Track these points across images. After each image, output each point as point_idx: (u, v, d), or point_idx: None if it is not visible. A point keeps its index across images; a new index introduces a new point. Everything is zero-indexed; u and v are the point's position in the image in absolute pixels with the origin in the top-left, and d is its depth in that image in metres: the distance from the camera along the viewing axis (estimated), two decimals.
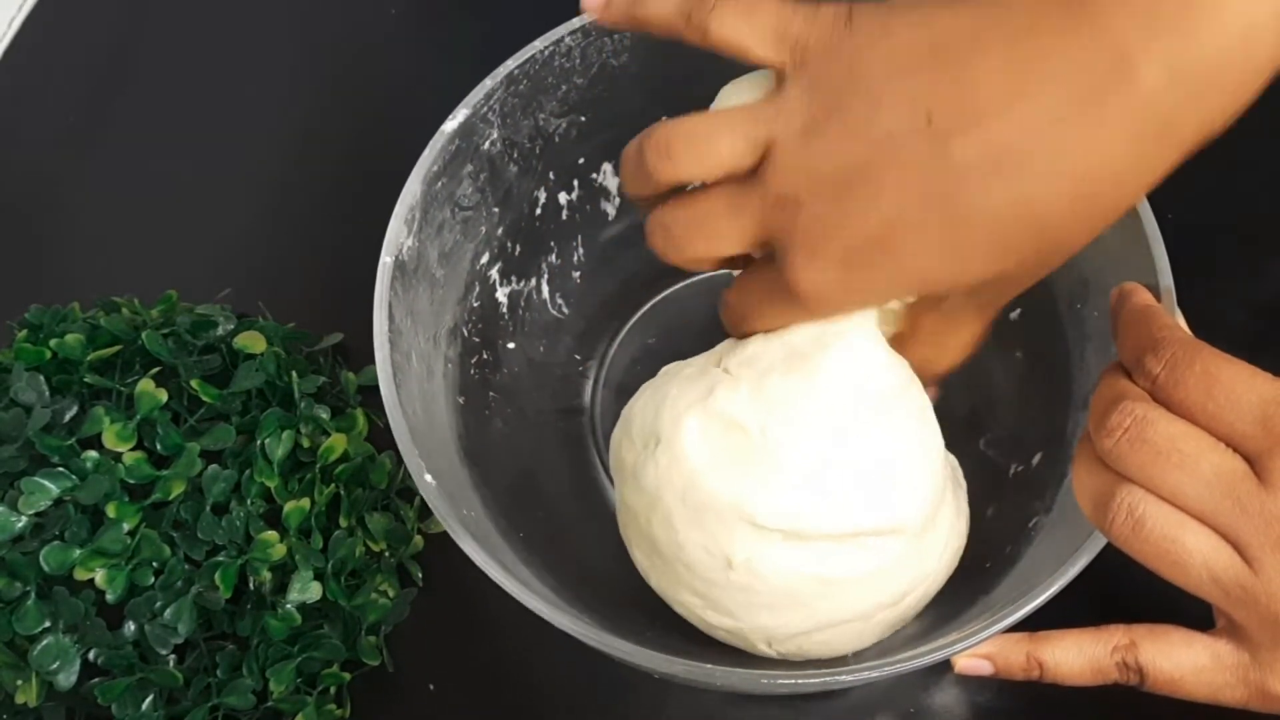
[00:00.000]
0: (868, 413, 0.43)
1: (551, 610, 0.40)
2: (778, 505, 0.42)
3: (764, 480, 0.42)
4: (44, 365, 0.55)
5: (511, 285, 0.57)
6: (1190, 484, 0.37)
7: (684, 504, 0.43)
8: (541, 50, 0.51)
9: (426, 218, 0.49)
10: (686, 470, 0.43)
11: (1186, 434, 0.37)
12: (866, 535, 0.43)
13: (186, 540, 0.53)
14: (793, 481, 0.42)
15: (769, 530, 0.42)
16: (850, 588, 0.43)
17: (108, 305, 0.60)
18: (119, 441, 0.53)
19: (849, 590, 0.43)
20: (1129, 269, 0.45)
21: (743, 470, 0.43)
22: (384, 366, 0.44)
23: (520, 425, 0.56)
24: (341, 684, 0.54)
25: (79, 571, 0.51)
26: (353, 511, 0.56)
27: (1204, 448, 0.37)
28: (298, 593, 0.53)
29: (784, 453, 0.42)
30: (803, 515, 0.42)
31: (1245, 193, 0.64)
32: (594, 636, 0.40)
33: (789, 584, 0.43)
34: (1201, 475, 0.37)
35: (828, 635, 0.45)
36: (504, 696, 0.56)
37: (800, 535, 0.42)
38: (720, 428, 0.44)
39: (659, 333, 0.62)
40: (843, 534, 0.42)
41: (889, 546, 0.43)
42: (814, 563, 0.42)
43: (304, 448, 0.56)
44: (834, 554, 0.42)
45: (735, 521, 0.42)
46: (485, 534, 0.45)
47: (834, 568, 0.43)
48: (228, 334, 0.58)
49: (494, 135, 0.52)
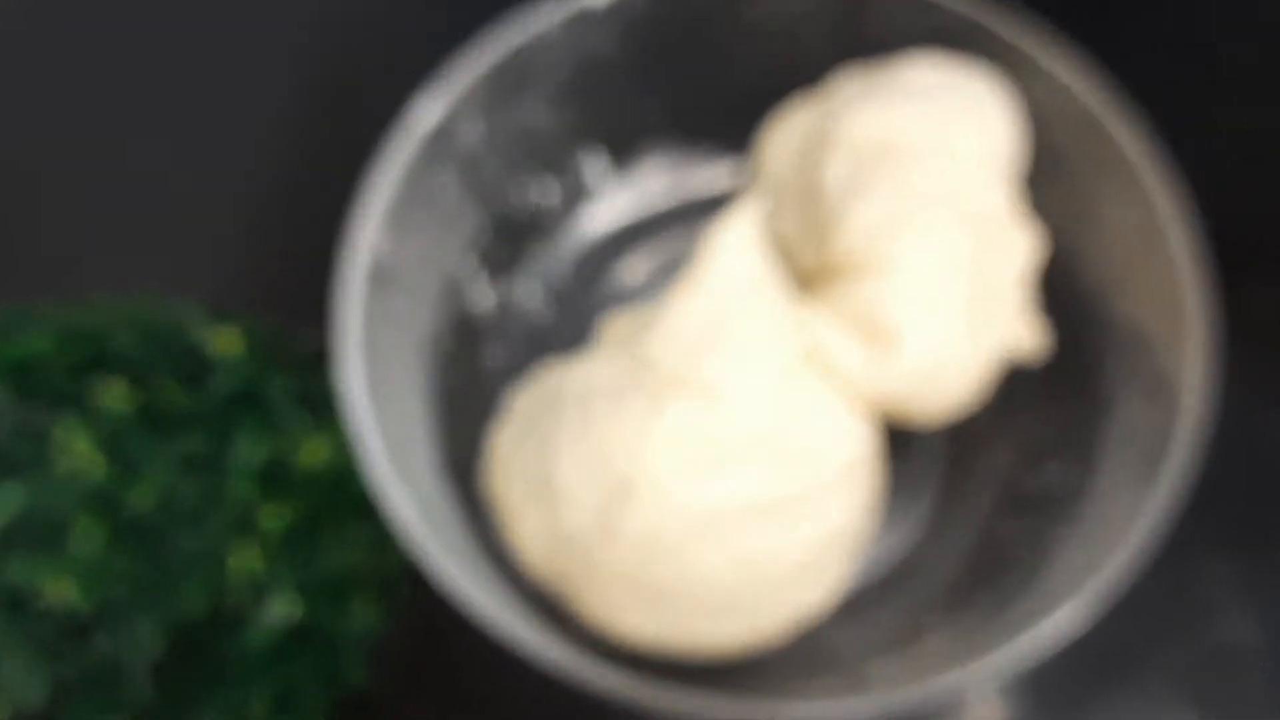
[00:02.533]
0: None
1: (534, 644, 0.41)
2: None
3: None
4: (9, 369, 0.53)
5: (493, 289, 0.56)
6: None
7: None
8: (524, 42, 0.50)
9: (402, 219, 0.48)
10: (691, 516, 0.42)
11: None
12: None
13: (159, 552, 0.51)
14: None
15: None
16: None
17: (77, 305, 0.59)
18: (87, 449, 0.51)
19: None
20: (1153, 267, 0.44)
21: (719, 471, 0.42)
22: (357, 378, 0.44)
23: None
24: (322, 702, 0.53)
25: (47, 586, 0.49)
26: (334, 522, 0.54)
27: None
28: (276, 607, 0.51)
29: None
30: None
31: None
32: (579, 670, 0.40)
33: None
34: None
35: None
36: (489, 715, 0.55)
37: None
38: (703, 455, 0.42)
39: None
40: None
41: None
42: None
43: (283, 454, 0.54)
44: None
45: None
46: (464, 553, 0.45)
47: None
48: (203, 335, 0.56)
49: (474, 132, 0.51)
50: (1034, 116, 0.52)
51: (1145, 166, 0.46)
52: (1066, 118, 0.50)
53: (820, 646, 0.53)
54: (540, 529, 0.45)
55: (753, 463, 0.42)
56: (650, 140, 0.59)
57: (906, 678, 0.42)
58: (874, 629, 0.52)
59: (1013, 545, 0.48)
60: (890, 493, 0.55)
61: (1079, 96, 0.49)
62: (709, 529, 0.42)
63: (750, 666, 0.52)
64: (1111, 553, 0.39)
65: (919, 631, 0.49)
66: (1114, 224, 0.48)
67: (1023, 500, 0.51)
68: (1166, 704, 0.51)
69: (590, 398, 0.44)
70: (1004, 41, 0.51)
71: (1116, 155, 0.47)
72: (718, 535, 0.42)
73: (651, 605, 0.43)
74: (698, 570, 0.42)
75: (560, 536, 0.44)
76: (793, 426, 0.43)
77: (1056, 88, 0.50)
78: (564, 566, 0.44)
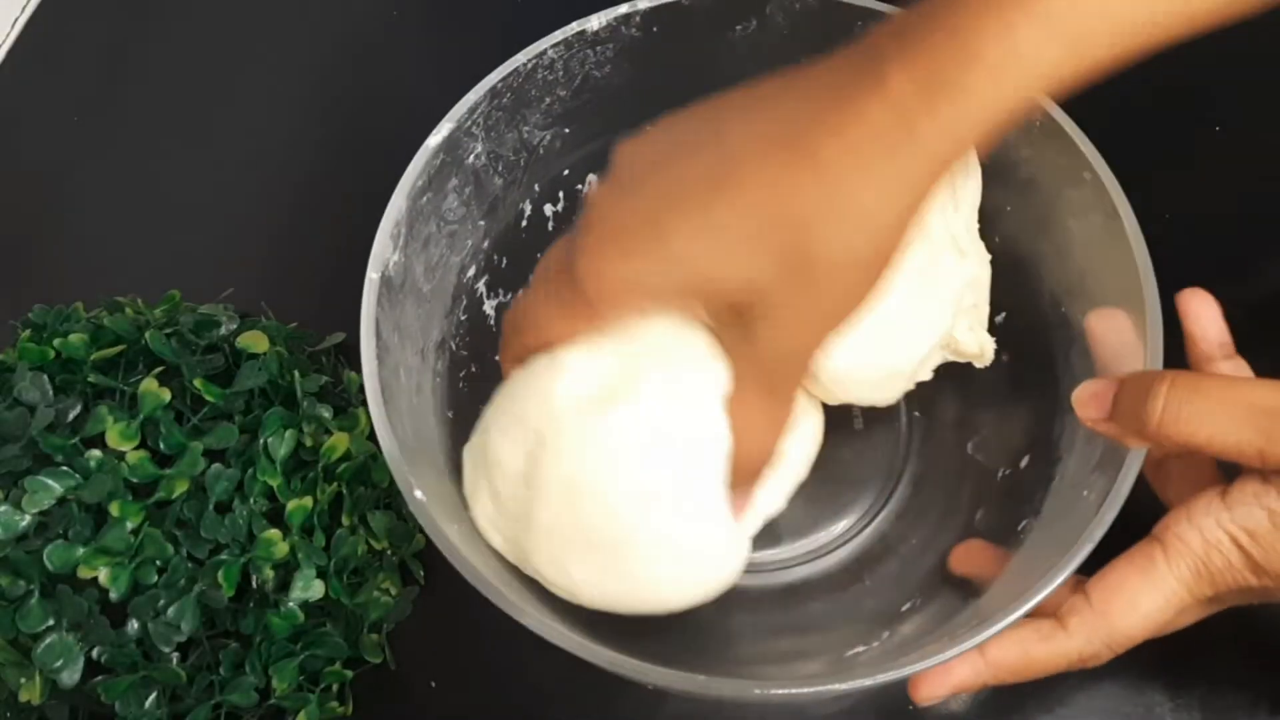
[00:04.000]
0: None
1: (541, 623, 0.41)
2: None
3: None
4: (47, 365, 0.56)
5: (499, 298, 0.57)
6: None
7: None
8: (524, 63, 0.51)
9: (412, 232, 0.49)
10: (599, 451, 0.44)
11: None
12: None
13: (189, 539, 0.53)
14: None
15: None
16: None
17: (111, 305, 0.61)
18: (122, 440, 0.53)
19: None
20: (1111, 273, 0.45)
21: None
22: (372, 383, 0.45)
23: None
24: (344, 681, 0.54)
25: (82, 570, 0.51)
26: (355, 510, 0.56)
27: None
28: (300, 591, 0.53)
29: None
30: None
31: (1243, 192, 0.64)
32: (585, 649, 0.40)
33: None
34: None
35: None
36: (505, 694, 0.56)
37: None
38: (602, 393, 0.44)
39: None
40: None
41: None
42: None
43: (306, 446, 0.56)
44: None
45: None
46: (477, 548, 0.45)
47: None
48: (230, 334, 0.59)
49: (479, 148, 0.52)
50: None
51: (1107, 176, 0.47)
52: (1031, 130, 0.51)
53: (801, 629, 0.54)
54: (488, 504, 0.46)
55: (649, 396, 0.43)
56: None
57: (885, 660, 0.43)
58: (854, 613, 0.54)
59: (987, 533, 0.49)
60: (867, 483, 0.57)
61: (1043, 109, 0.50)
62: (618, 461, 0.43)
63: (734, 646, 0.53)
64: (1079, 540, 0.41)
65: (897, 616, 0.50)
66: (1075, 231, 0.50)
67: (995, 491, 0.52)
68: (1142, 690, 0.52)
69: (512, 377, 0.47)
70: None
71: (1079, 165, 0.49)
72: (627, 466, 0.43)
73: (588, 554, 0.44)
74: (616, 507, 0.43)
75: (502, 505, 0.45)
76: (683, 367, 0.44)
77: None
78: (512, 533, 0.46)
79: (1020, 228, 0.53)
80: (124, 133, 0.75)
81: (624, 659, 0.40)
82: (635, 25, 0.52)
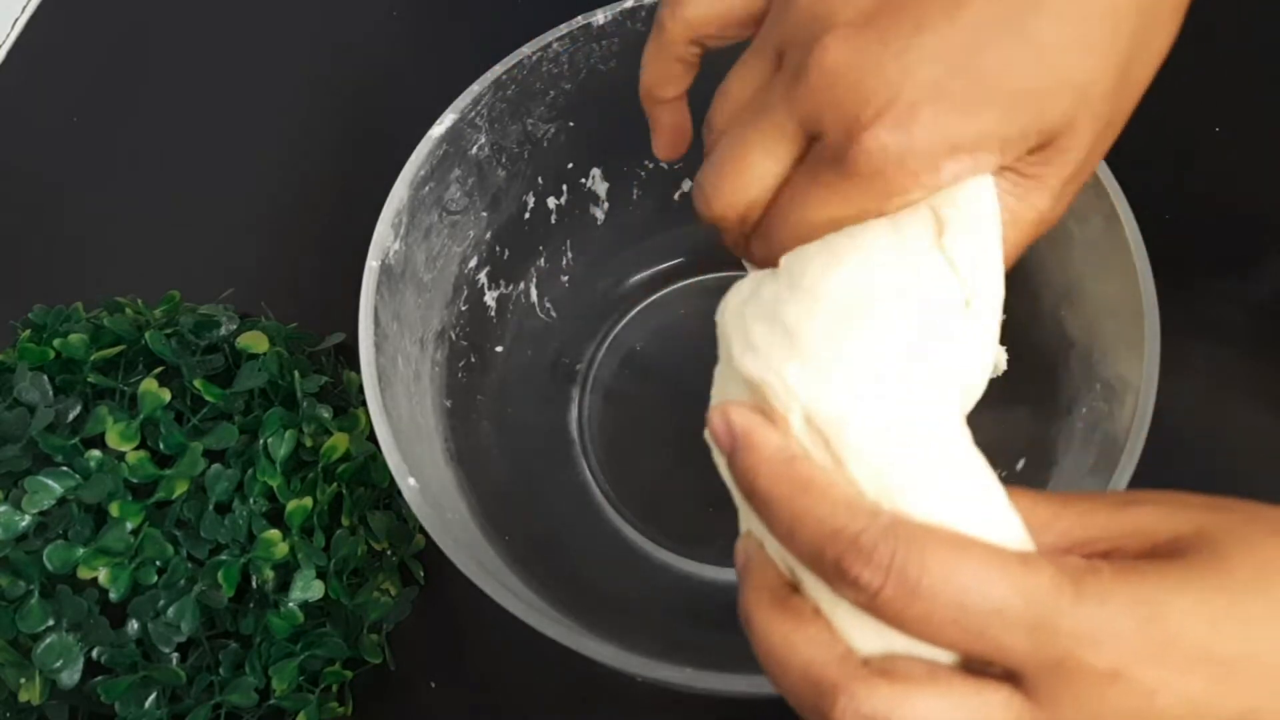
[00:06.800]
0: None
1: (531, 612, 0.40)
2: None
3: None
4: (47, 365, 0.56)
5: (500, 289, 0.57)
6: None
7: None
8: (530, 55, 0.51)
9: (414, 222, 0.49)
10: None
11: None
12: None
13: (189, 539, 0.53)
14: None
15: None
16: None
17: (111, 305, 0.61)
18: (122, 441, 0.53)
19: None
20: (1110, 277, 0.45)
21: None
22: (369, 370, 0.45)
23: (507, 429, 0.56)
24: (344, 682, 0.54)
25: (82, 570, 0.51)
26: (355, 510, 0.56)
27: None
28: (300, 591, 0.53)
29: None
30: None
31: (1243, 192, 0.64)
32: (575, 640, 0.40)
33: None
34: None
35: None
36: (504, 694, 0.56)
37: None
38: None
39: (647, 337, 0.62)
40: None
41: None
42: None
43: (306, 447, 0.56)
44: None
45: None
46: (471, 538, 0.45)
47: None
48: (230, 334, 0.59)
49: (482, 140, 0.52)
50: None
51: (1108, 179, 0.47)
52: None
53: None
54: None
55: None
56: (646, 150, 0.59)
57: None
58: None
59: None
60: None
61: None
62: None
63: (736, 645, 0.53)
64: None
65: None
66: (1075, 234, 0.49)
67: None
68: None
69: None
70: None
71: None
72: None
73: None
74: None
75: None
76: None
77: None
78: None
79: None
80: (124, 133, 0.75)
81: (627, 655, 0.40)
82: (641, 20, 0.52)
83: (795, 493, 0.29)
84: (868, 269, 0.33)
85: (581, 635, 0.40)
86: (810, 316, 0.32)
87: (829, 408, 0.30)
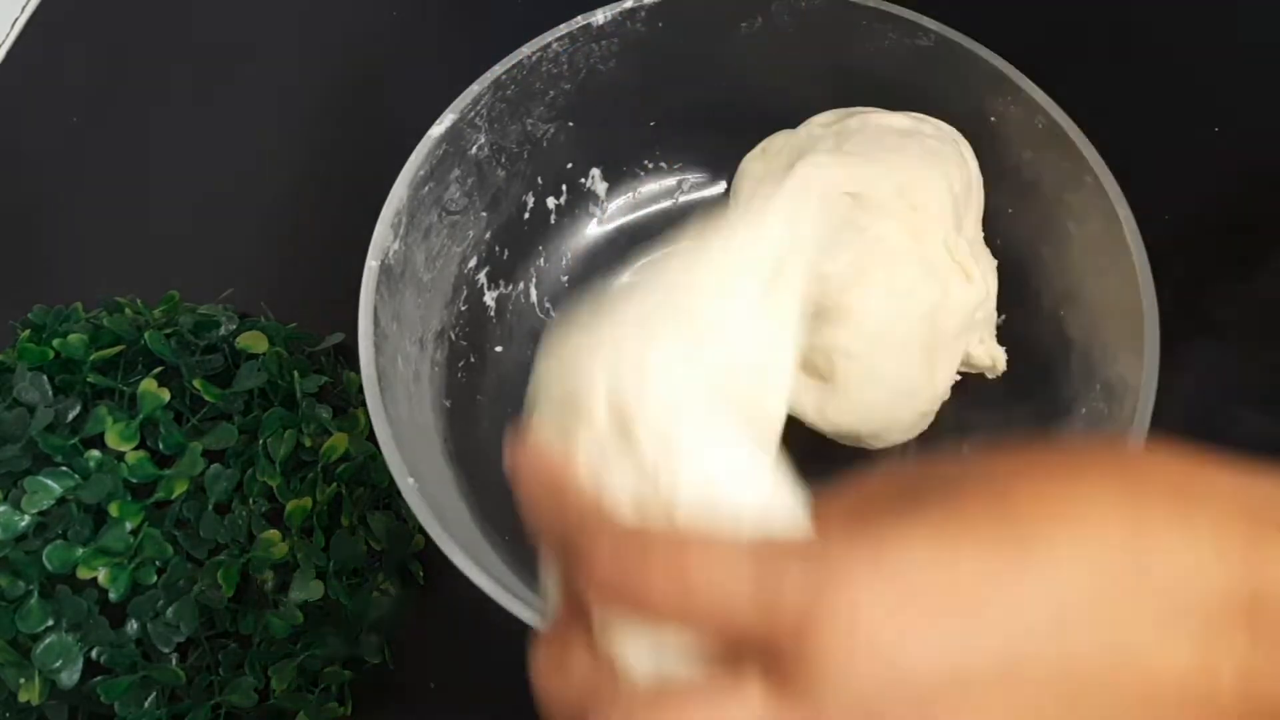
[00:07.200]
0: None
1: (530, 612, 0.41)
2: None
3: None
4: (47, 365, 0.56)
5: (499, 289, 0.57)
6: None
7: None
8: (529, 56, 0.51)
9: (413, 222, 0.50)
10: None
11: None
12: None
13: (189, 539, 0.53)
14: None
15: None
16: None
17: (110, 305, 0.61)
18: (122, 441, 0.53)
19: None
20: (1110, 278, 0.45)
21: None
22: (369, 369, 0.45)
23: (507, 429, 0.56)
24: (343, 682, 0.54)
25: (82, 570, 0.51)
26: (354, 510, 0.56)
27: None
28: (299, 591, 0.53)
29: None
30: None
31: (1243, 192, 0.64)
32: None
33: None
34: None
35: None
36: (505, 694, 0.55)
37: None
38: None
39: None
40: None
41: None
42: None
43: (306, 447, 0.56)
44: None
45: None
46: (471, 538, 0.45)
47: None
48: (230, 334, 0.59)
49: (482, 140, 0.52)
50: (1003, 133, 0.54)
51: (1107, 180, 0.47)
52: (1033, 133, 0.51)
53: None
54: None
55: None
56: (646, 151, 0.60)
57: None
58: None
59: None
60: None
61: (1046, 112, 0.50)
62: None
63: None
64: None
65: None
66: (1075, 235, 0.50)
67: None
68: None
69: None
70: (976, 63, 0.53)
71: (1080, 169, 0.49)
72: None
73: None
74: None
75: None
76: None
77: (1025, 104, 0.52)
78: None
79: (1021, 231, 0.53)
80: (124, 133, 0.75)
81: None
82: (640, 20, 0.52)
83: (547, 492, 0.30)
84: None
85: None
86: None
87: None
